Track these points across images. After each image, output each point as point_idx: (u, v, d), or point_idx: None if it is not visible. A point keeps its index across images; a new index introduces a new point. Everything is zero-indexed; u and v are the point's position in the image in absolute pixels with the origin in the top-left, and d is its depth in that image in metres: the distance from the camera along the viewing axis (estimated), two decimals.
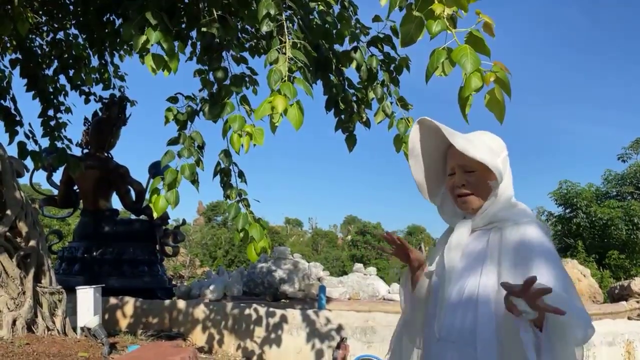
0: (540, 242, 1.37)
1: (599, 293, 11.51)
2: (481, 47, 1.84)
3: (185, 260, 29.40)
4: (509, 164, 1.53)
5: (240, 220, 3.19)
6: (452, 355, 1.36)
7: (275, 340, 5.85)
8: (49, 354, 3.51)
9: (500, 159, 1.49)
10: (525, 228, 1.39)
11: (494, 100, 1.71)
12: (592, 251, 20.17)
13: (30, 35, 5.83)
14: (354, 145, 4.08)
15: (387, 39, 3.82)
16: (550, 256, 1.35)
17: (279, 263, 10.60)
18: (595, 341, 5.30)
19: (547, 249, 1.36)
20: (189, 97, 3.50)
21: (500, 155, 1.50)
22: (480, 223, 1.49)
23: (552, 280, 1.26)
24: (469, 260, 1.45)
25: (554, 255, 1.36)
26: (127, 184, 9.04)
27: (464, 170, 1.51)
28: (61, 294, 4.49)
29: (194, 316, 6.31)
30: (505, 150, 1.53)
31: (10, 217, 4.19)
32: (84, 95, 6.16)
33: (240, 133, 2.90)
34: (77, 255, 8.56)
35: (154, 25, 2.94)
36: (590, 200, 21.21)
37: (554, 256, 1.36)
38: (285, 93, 2.63)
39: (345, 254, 38.72)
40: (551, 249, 1.38)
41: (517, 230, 1.40)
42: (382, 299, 10.57)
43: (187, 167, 3.12)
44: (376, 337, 5.58)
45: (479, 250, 1.45)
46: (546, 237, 1.39)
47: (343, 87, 3.98)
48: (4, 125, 5.30)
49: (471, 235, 1.50)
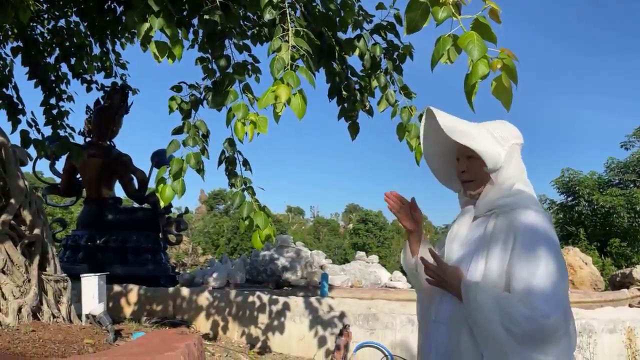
0: (526, 225, 1.38)
1: (600, 281, 11.55)
2: (487, 34, 1.82)
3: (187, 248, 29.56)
4: (517, 154, 1.54)
5: (245, 209, 3.19)
6: (442, 334, 1.46)
7: (278, 327, 5.90)
8: (55, 340, 3.54)
9: (505, 147, 1.50)
10: (518, 212, 1.41)
11: (501, 87, 1.69)
12: (593, 239, 20.18)
13: (32, 23, 5.80)
14: (357, 134, 4.07)
15: (391, 27, 3.79)
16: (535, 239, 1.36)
17: (281, 251, 10.64)
18: (597, 328, 5.32)
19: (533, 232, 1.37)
20: (193, 86, 3.49)
21: (505, 144, 1.52)
22: (482, 210, 1.52)
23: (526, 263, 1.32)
24: (465, 247, 1.51)
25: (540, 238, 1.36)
26: (130, 172, 9.05)
27: (466, 156, 1.54)
28: (66, 281, 4.52)
29: (198, 303, 6.36)
30: (514, 139, 1.55)
31: (15, 206, 4.20)
32: (86, 84, 6.15)
33: (244, 121, 2.89)
34: (81, 243, 8.61)
35: (156, 12, 2.92)
36: (593, 188, 21.17)
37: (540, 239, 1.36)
38: (288, 82, 2.61)
39: (347, 242, 38.83)
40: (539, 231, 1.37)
41: (509, 216, 1.42)
42: (384, 287, 10.62)
43: (192, 156, 3.12)
44: (378, 324, 5.62)
45: (476, 237, 1.50)
46: (539, 221, 1.39)
47: (346, 75, 3.96)
48: (6, 114, 5.30)
49: (473, 223, 1.55)
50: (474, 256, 1.45)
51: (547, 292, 1.29)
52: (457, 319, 1.42)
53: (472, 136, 1.49)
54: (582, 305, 7.16)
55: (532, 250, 1.34)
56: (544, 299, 1.28)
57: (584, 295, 9.02)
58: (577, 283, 10.94)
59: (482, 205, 1.52)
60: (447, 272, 1.46)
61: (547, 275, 1.30)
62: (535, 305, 1.27)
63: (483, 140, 1.49)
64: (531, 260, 1.33)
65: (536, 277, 1.30)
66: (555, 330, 1.28)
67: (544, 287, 1.29)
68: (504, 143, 1.52)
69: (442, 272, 1.46)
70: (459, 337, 1.40)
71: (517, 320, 1.27)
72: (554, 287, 1.30)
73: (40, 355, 3.12)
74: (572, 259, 11.28)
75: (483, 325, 1.32)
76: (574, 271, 11.08)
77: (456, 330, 1.42)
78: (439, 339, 1.48)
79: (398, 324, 5.56)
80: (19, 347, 3.20)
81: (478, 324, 1.34)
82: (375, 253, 18.34)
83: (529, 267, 1.32)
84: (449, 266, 1.48)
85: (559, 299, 1.30)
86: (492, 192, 1.50)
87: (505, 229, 1.40)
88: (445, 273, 1.46)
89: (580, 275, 11.17)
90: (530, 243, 1.35)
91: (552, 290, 1.29)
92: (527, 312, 1.27)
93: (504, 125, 1.58)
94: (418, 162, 3.72)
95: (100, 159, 8.77)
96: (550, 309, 1.27)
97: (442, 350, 1.45)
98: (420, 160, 3.73)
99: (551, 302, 1.28)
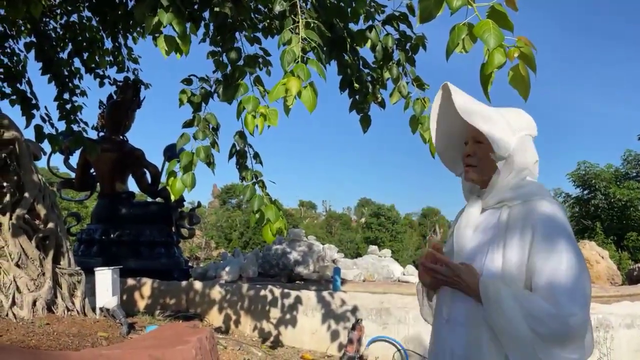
0: (545, 217, 1.33)
1: (617, 275, 11.38)
2: (504, 22, 1.77)
3: (201, 242, 29.78)
4: (530, 144, 1.47)
5: (256, 202, 3.17)
6: (459, 337, 1.37)
7: (290, 321, 5.90)
8: (69, 333, 3.57)
9: (516, 136, 1.44)
10: (534, 204, 1.36)
11: (518, 76, 1.64)
12: (610, 233, 19.90)
13: (45, 18, 5.83)
14: (369, 127, 4.02)
15: (403, 17, 3.72)
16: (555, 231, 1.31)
17: (293, 245, 10.65)
18: (614, 323, 5.23)
19: (552, 224, 1.32)
20: (203, 79, 3.47)
21: (518, 132, 1.45)
22: (490, 202, 1.45)
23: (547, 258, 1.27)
24: (477, 241, 1.43)
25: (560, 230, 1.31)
26: (143, 167, 9.11)
27: (475, 140, 1.49)
28: (80, 275, 4.56)
29: (211, 297, 6.38)
30: (529, 130, 1.49)
31: (29, 200, 4.24)
32: (99, 79, 6.18)
33: (254, 114, 2.86)
34: (95, 237, 8.70)
35: (165, 6, 2.90)
36: (609, 181, 20.86)
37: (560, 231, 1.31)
38: (298, 75, 2.58)
39: (359, 236, 38.80)
40: (558, 223, 1.32)
41: (525, 207, 1.37)
42: (397, 281, 10.58)
43: (202, 149, 3.11)
44: (391, 318, 5.59)
45: (487, 231, 1.42)
46: (557, 212, 1.34)
47: (358, 67, 3.90)
48: (20, 109, 5.34)
49: (482, 215, 1.48)
50: (488, 249, 1.37)
51: (571, 288, 1.24)
52: (476, 319, 1.34)
53: (485, 119, 1.42)
54: (599, 299, 7.05)
55: (553, 243, 1.29)
56: (569, 296, 1.23)
57: (600, 290, 8.88)
58: (593, 277, 10.79)
59: (491, 196, 1.45)
60: (459, 271, 1.36)
61: (570, 270, 1.25)
62: (561, 303, 1.23)
63: (495, 125, 1.42)
64: (553, 255, 1.27)
65: (560, 273, 1.25)
66: (581, 327, 1.23)
67: (568, 283, 1.24)
68: (516, 132, 1.45)
69: (452, 273, 1.37)
70: (479, 338, 1.32)
71: (542, 320, 1.23)
72: (578, 282, 1.25)
73: (54, 348, 3.14)
74: (588, 253, 11.12)
75: (506, 327, 1.26)
76: (590, 265, 10.93)
77: (475, 331, 1.34)
78: (455, 341, 1.38)
79: (411, 318, 5.52)
80: (33, 340, 3.23)
81: (501, 325, 1.27)
82: (388, 247, 18.26)
83: (551, 262, 1.27)
84: (459, 266, 1.38)
85: (584, 296, 1.25)
86: (500, 182, 1.43)
87: (521, 221, 1.34)
88: (457, 274, 1.37)
89: (596, 270, 11.01)
90: (550, 236, 1.30)
91: (577, 286, 1.24)
92: (553, 310, 1.22)
93: (519, 113, 1.52)
94: (433, 154, 3.66)
95: (114, 154, 8.84)
96: (576, 307, 1.23)
97: (459, 352, 1.36)
98: (434, 153, 3.67)
99: (577, 299, 1.23)
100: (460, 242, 1.47)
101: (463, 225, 1.48)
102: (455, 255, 1.47)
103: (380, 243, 31.39)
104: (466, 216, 1.50)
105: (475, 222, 1.47)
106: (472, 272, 1.36)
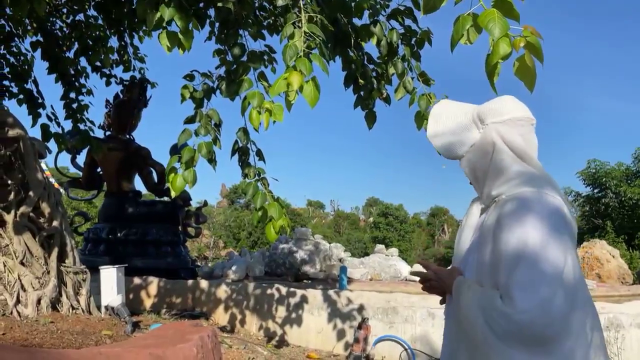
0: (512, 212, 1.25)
1: (628, 274, 11.22)
2: (509, 11, 1.72)
3: (209, 241, 29.86)
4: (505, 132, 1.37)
5: (259, 199, 3.14)
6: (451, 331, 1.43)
7: (296, 320, 5.87)
8: (73, 332, 3.56)
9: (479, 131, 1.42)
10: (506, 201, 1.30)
11: (524, 67, 1.59)
12: (621, 232, 19.68)
13: (50, 17, 5.84)
14: (374, 123, 3.98)
15: (408, 12, 3.67)
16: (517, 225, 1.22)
17: (300, 244, 10.61)
18: (625, 323, 5.15)
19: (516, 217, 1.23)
20: (205, 75, 3.44)
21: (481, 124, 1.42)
22: (485, 202, 1.44)
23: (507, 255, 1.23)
24: (473, 241, 1.45)
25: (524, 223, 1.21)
26: (149, 166, 9.12)
27: None
28: (85, 273, 4.55)
29: (217, 296, 6.36)
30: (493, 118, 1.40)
31: (33, 198, 4.24)
32: (105, 78, 6.19)
33: (259, 110, 2.83)
34: (102, 236, 8.72)
35: (167, 2, 2.87)
36: (620, 179, 20.62)
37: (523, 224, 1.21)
38: (300, 69, 2.54)
39: (367, 235, 38.70)
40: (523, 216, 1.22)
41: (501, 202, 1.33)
42: (404, 280, 10.51)
43: (204, 145, 3.08)
44: (398, 317, 5.54)
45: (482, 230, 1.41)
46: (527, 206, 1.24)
47: (362, 62, 3.86)
48: (27, 108, 5.36)
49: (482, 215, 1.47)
50: (477, 247, 1.39)
51: (526, 286, 1.16)
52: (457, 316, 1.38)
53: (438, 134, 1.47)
54: (609, 299, 6.95)
55: (514, 239, 1.21)
56: (523, 292, 1.16)
57: (611, 289, 8.76)
58: (604, 277, 10.66)
59: (484, 195, 1.43)
60: (442, 276, 1.44)
61: (528, 269, 1.17)
62: (513, 300, 1.16)
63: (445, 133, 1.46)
64: (513, 251, 1.20)
65: (517, 271, 1.18)
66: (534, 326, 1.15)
67: (522, 282, 1.17)
68: (479, 124, 1.41)
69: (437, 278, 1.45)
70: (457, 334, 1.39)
71: (493, 317, 1.20)
72: (535, 281, 1.16)
73: (57, 346, 3.13)
74: (598, 252, 10.98)
75: (467, 326, 1.29)
76: (600, 264, 10.79)
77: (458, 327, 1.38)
78: (448, 336, 1.46)
79: (418, 317, 5.47)
80: (36, 339, 3.22)
81: (464, 324, 1.30)
82: (396, 246, 18.19)
83: (510, 259, 1.21)
84: (443, 270, 1.46)
85: (539, 294, 1.15)
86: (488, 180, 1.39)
87: (495, 219, 1.30)
88: (439, 277, 1.44)
89: (607, 269, 10.87)
90: (511, 234, 1.22)
91: (532, 283, 1.16)
92: (506, 309, 1.17)
93: (491, 103, 1.44)
94: None
95: (120, 153, 8.85)
96: (528, 303, 1.15)
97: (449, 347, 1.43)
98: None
99: (530, 296, 1.15)
100: (459, 243, 1.51)
101: (462, 226, 1.52)
102: (455, 256, 1.52)
103: (389, 242, 31.29)
104: (467, 217, 1.52)
105: (473, 222, 1.48)
106: (452, 275, 1.41)
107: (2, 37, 5.50)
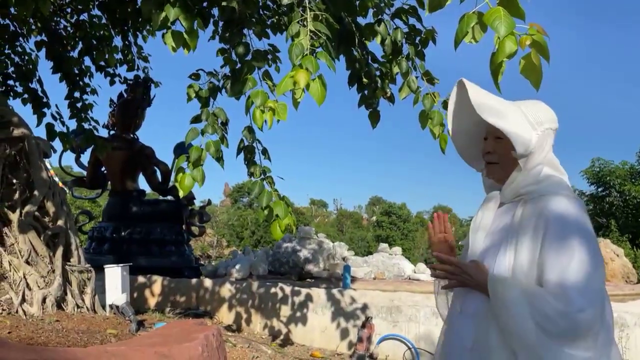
0: (558, 213, 1.29)
1: (632, 273, 11.20)
2: (515, 10, 1.71)
3: (212, 240, 29.91)
4: (550, 139, 1.44)
5: (265, 198, 3.14)
6: (469, 329, 1.39)
7: (300, 319, 5.87)
8: (78, 330, 3.57)
9: (537, 132, 1.40)
10: (548, 199, 1.32)
11: (530, 65, 1.58)
12: (625, 231, 19.61)
13: (55, 17, 5.86)
14: (378, 122, 3.97)
15: (413, 11, 3.66)
16: (567, 227, 1.27)
17: (303, 243, 10.63)
18: (629, 322, 5.13)
19: (565, 220, 1.28)
20: (211, 74, 3.45)
21: (539, 127, 1.41)
22: (508, 196, 1.43)
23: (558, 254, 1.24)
24: (491, 237, 1.44)
25: (573, 226, 1.27)
26: (153, 165, 9.14)
27: (494, 136, 1.44)
28: (90, 272, 4.57)
29: (221, 295, 6.37)
30: (549, 123, 1.44)
31: (38, 197, 4.25)
32: (109, 77, 6.19)
33: (263, 109, 2.83)
34: (106, 235, 8.75)
35: (172, 1, 2.87)
36: (624, 178, 20.55)
37: (573, 226, 1.27)
38: (307, 67, 2.54)
39: (371, 234, 38.68)
40: (571, 219, 1.28)
41: (540, 202, 1.33)
42: (408, 279, 10.51)
43: (212, 144, 3.08)
44: (402, 316, 5.53)
45: (503, 226, 1.41)
46: (570, 207, 1.30)
47: (366, 61, 3.85)
48: (31, 107, 5.38)
49: (499, 210, 1.47)
50: (500, 247, 1.36)
51: (581, 284, 1.20)
52: (485, 312, 1.34)
53: (503, 115, 1.38)
54: (614, 298, 6.91)
55: (565, 240, 1.25)
56: (579, 292, 1.19)
57: (615, 288, 8.74)
58: (608, 275, 10.63)
59: (509, 191, 1.42)
60: (468, 269, 1.37)
61: (581, 266, 1.21)
62: (569, 300, 1.19)
63: (514, 122, 1.38)
64: (564, 251, 1.24)
65: (570, 269, 1.21)
66: (591, 324, 1.19)
67: (578, 280, 1.20)
68: (537, 127, 1.41)
69: (460, 271, 1.38)
70: (487, 332, 1.32)
71: (550, 317, 1.19)
72: (588, 278, 1.21)
73: (62, 345, 3.14)
74: (603, 251, 10.93)
75: (512, 325, 1.24)
76: (605, 263, 10.77)
77: (484, 324, 1.33)
78: (465, 333, 1.39)
79: (422, 316, 5.47)
80: (42, 337, 3.23)
81: (508, 323, 1.25)
82: (399, 245, 18.19)
83: (561, 258, 1.23)
84: (467, 264, 1.39)
85: (594, 292, 1.21)
86: (519, 178, 1.40)
87: (535, 218, 1.31)
88: (465, 271, 1.37)
89: (611, 268, 10.85)
90: (562, 232, 1.26)
91: (587, 282, 1.20)
92: (561, 307, 1.19)
93: (538, 106, 1.47)
94: (443, 150, 3.61)
95: (124, 152, 8.88)
96: (585, 303, 1.18)
97: (468, 344, 1.36)
98: (445, 149, 3.61)
99: (587, 295, 1.19)
100: (473, 243, 1.49)
101: (475, 227, 1.50)
102: (469, 254, 1.49)
103: (392, 241, 31.24)
104: (479, 218, 1.51)
105: (487, 223, 1.47)
106: (480, 270, 1.36)
107: (7, 36, 5.52)
